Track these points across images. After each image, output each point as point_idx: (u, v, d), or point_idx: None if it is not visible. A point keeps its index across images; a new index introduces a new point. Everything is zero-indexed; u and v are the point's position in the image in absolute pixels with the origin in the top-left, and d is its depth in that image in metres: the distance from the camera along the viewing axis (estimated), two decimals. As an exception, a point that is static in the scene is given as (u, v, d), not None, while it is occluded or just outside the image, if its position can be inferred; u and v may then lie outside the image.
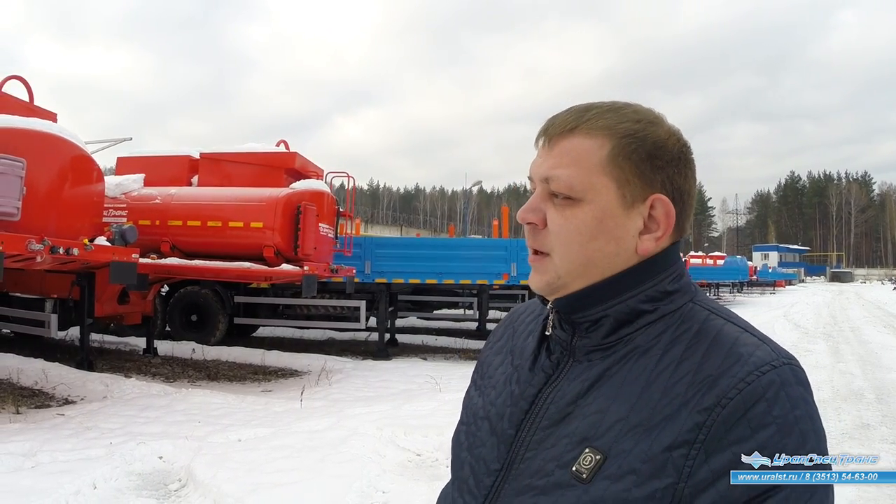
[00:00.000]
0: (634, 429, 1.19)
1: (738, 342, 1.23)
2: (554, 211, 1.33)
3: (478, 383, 1.61)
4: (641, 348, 1.29)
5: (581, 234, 1.31)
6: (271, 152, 14.41)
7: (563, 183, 1.32)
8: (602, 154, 1.31)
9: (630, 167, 1.31)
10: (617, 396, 1.25)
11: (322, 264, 13.59)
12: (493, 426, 1.42)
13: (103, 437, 8.14)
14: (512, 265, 16.93)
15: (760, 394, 1.14)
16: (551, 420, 1.31)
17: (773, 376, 1.16)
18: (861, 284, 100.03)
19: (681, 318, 1.31)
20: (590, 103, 1.38)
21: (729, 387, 1.15)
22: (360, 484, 6.48)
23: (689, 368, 1.21)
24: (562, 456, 1.25)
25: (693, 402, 1.17)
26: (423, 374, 13.37)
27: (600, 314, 1.32)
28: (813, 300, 49.70)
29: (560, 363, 1.38)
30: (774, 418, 1.12)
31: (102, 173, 11.10)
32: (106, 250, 10.05)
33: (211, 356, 14.86)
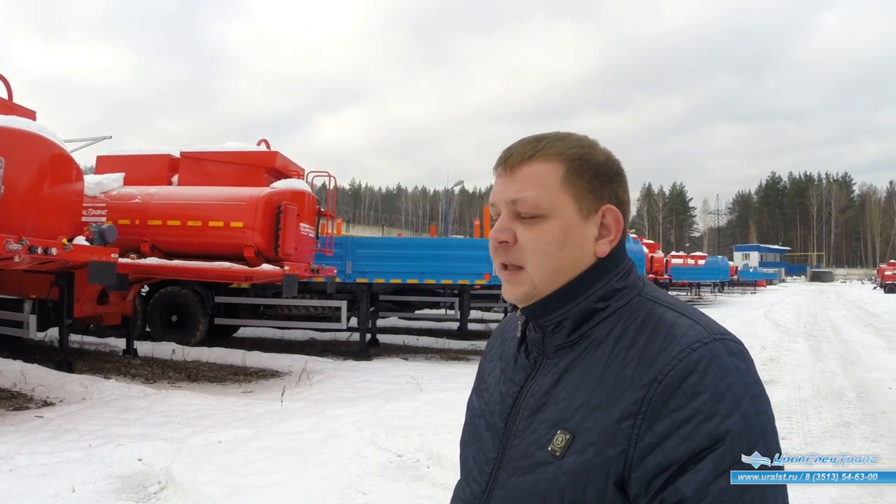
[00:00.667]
0: (594, 409, 1.39)
1: (674, 326, 1.42)
2: (523, 228, 1.51)
3: (477, 388, 1.81)
4: (597, 341, 1.49)
5: (550, 244, 1.50)
6: (252, 151, 14.35)
7: (530, 203, 1.50)
8: (558, 176, 1.52)
9: (582, 184, 1.53)
10: (580, 384, 1.45)
11: (303, 264, 13.54)
12: (487, 422, 1.63)
13: (82, 439, 8.10)
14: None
15: (692, 367, 1.32)
16: (531, 410, 1.51)
17: (704, 351, 1.34)
18: (841, 284, 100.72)
19: (630, 311, 1.51)
20: (538, 135, 1.60)
21: (664, 364, 1.34)
22: (341, 485, 6.48)
23: (635, 353, 1.40)
24: (539, 439, 1.45)
25: (636, 381, 1.36)
26: (405, 374, 13.37)
27: (561, 317, 1.53)
28: (793, 300, 50.01)
29: (537, 362, 1.58)
30: (706, 387, 1.30)
31: (82, 172, 11.01)
32: (85, 250, 9.96)
33: (191, 357, 14.80)
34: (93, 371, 12.67)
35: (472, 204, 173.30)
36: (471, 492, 1.62)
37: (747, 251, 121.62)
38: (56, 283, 11.77)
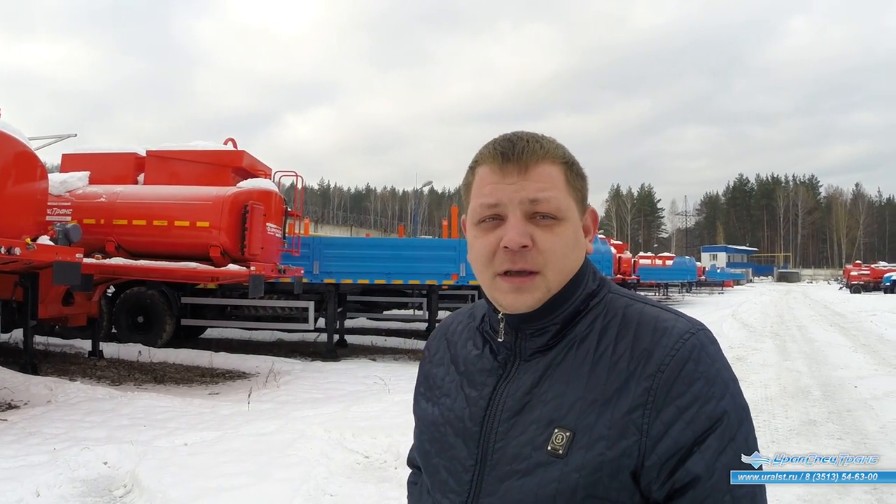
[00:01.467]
0: (592, 404, 1.41)
1: (659, 319, 1.49)
2: (542, 231, 1.49)
3: (427, 395, 1.76)
4: (578, 338, 1.51)
5: (568, 247, 1.51)
6: (219, 150, 14.27)
7: (552, 205, 1.49)
8: (563, 178, 1.53)
9: (577, 186, 1.57)
10: (569, 381, 1.46)
11: (269, 264, 13.48)
12: (455, 429, 1.58)
13: (47, 442, 8.03)
14: (461, 265, 16.96)
15: (687, 356, 1.41)
16: (512, 411, 1.50)
17: (694, 341, 1.43)
18: (808, 284, 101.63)
19: (605, 307, 1.56)
20: (527, 133, 1.58)
21: (663, 355, 1.41)
22: (308, 487, 6.45)
23: (625, 347, 1.45)
24: (534, 440, 1.44)
25: (637, 373, 1.41)
26: (373, 375, 13.40)
27: (549, 323, 1.53)
28: (760, 300, 50.42)
29: (507, 363, 1.57)
30: (701, 373, 1.40)
31: (46, 170, 10.88)
32: (49, 250, 9.84)
33: (158, 358, 14.70)
34: (58, 373, 12.57)
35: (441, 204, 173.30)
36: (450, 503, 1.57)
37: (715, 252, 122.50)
38: (20, 283, 11.61)
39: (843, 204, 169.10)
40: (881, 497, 6.62)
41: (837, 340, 21.31)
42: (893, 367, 15.36)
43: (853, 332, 23.96)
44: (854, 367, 15.25)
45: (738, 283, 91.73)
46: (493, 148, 1.56)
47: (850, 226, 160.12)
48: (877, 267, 73.01)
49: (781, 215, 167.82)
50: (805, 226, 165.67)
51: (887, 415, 10.34)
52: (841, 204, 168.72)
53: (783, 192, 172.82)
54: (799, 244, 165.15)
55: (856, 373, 14.43)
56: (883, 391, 12.33)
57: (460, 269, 16.98)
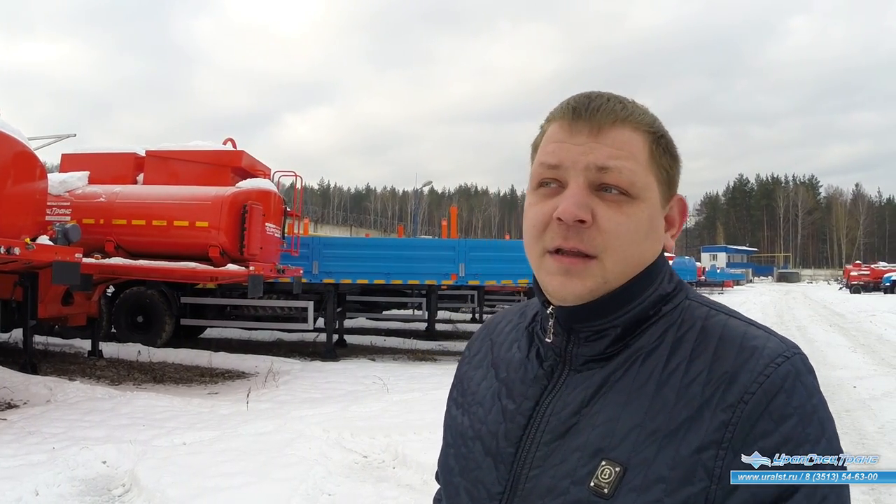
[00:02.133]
0: (653, 435, 1.15)
1: (746, 336, 1.20)
2: (607, 207, 1.22)
3: (458, 401, 1.50)
4: (644, 350, 1.24)
5: (639, 233, 1.24)
6: (218, 150, 14.32)
7: (625, 177, 1.23)
8: (646, 151, 1.27)
9: (665, 166, 1.30)
10: (627, 403, 1.20)
11: (268, 264, 13.52)
12: (486, 446, 1.33)
13: (46, 441, 8.03)
14: (460, 265, 16.97)
15: (779, 385, 1.12)
16: (554, 433, 1.24)
17: (788, 367, 1.14)
18: (808, 284, 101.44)
19: (680, 316, 1.27)
20: (609, 93, 1.31)
21: (749, 381, 1.12)
22: (306, 486, 6.47)
23: (701, 367, 1.18)
24: (575, 471, 1.18)
25: (714, 401, 1.13)
26: (371, 375, 13.39)
27: (608, 325, 1.27)
28: (760, 300, 50.36)
29: (554, 371, 1.31)
30: (795, 409, 1.11)
31: (46, 170, 10.90)
32: (48, 250, 9.86)
33: (157, 358, 14.70)
34: (57, 373, 12.56)
35: (441, 204, 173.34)
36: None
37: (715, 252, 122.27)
38: (20, 283, 11.62)
39: (843, 204, 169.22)
40: (879, 498, 6.64)
41: (837, 341, 21.31)
42: (892, 368, 15.40)
43: (853, 333, 23.97)
44: (853, 368, 15.27)
45: (737, 283, 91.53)
46: (566, 103, 1.30)
47: (850, 226, 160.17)
48: (877, 267, 72.98)
49: (781, 215, 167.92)
50: (805, 226, 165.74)
51: (886, 415, 10.36)
52: (841, 204, 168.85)
53: (783, 192, 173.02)
54: (799, 244, 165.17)
55: (855, 373, 14.45)
56: (882, 391, 12.36)
57: (459, 270, 16.98)
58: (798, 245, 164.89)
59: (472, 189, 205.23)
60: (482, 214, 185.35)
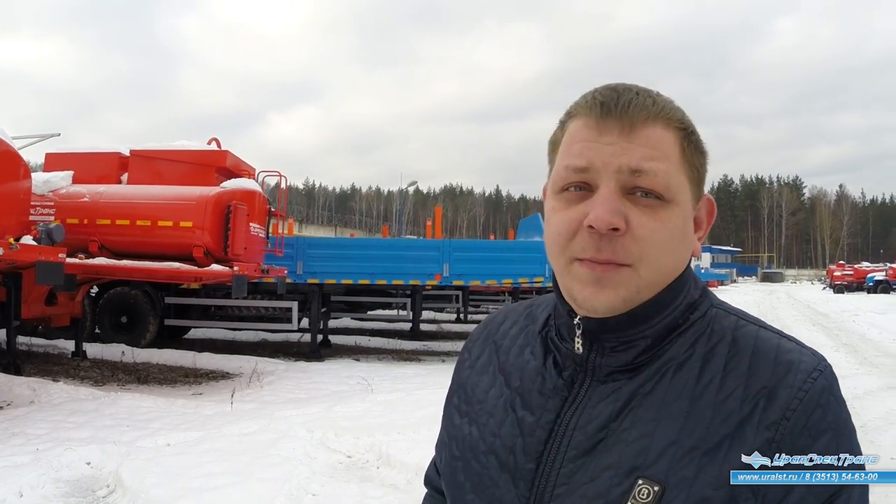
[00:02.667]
0: (691, 452, 1.09)
1: (780, 349, 1.16)
2: (641, 213, 1.14)
3: (463, 410, 1.40)
4: (675, 361, 1.18)
5: (674, 239, 1.17)
6: (202, 150, 14.32)
7: (660, 180, 1.15)
8: (678, 150, 1.19)
9: (696, 165, 1.22)
10: (660, 418, 1.13)
11: (252, 264, 13.53)
12: (502, 461, 1.24)
13: (30, 443, 8.01)
14: (444, 266, 17.00)
15: (816, 401, 1.09)
16: (580, 449, 1.17)
17: (823, 381, 1.12)
18: (792, 285, 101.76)
19: (709, 325, 1.21)
20: (639, 86, 1.23)
21: (790, 397, 1.09)
22: (290, 486, 6.49)
23: (737, 381, 1.13)
24: (609, 491, 1.11)
25: (756, 418, 1.09)
26: (356, 375, 13.37)
27: (639, 335, 1.20)
28: (744, 300, 50.36)
29: (574, 382, 1.23)
30: (829, 424, 1.09)
31: (30, 170, 10.88)
32: (32, 250, 9.84)
33: (141, 359, 14.64)
34: (41, 373, 12.51)
35: (426, 204, 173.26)
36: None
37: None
38: (3, 283, 11.59)
39: (827, 205, 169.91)
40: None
41: (820, 340, 21.36)
42: (875, 367, 15.53)
43: (836, 332, 24.15)
44: (836, 367, 14.55)
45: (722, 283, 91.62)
46: (591, 97, 1.20)
47: (833, 226, 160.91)
48: (860, 267, 73.40)
49: (766, 216, 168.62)
50: (789, 226, 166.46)
51: (868, 413, 10.43)
52: (825, 205, 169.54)
53: (767, 192, 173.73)
54: (783, 244, 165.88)
55: (837, 372, 13.60)
56: (864, 390, 12.46)
57: (444, 270, 17.01)
58: (782, 245, 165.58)
59: (458, 189, 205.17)
60: (467, 214, 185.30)
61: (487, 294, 24.04)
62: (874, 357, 17.18)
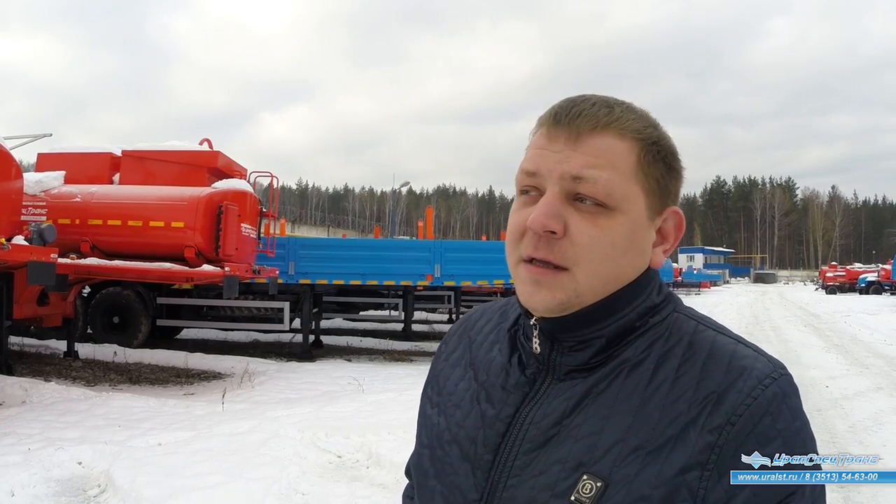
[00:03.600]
0: (635, 451, 1.12)
1: (735, 354, 1.18)
2: (581, 219, 1.18)
3: (434, 401, 1.46)
4: (630, 362, 1.21)
5: (616, 247, 1.19)
6: (194, 151, 14.34)
7: (601, 187, 1.18)
8: (632, 160, 1.21)
9: (656, 176, 1.24)
10: (610, 416, 1.17)
11: (244, 265, 13.54)
12: (464, 451, 1.29)
13: (21, 443, 8.02)
14: (436, 266, 17.03)
15: (765, 408, 1.10)
16: (534, 443, 1.21)
17: (776, 389, 1.12)
18: (784, 285, 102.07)
19: (668, 329, 1.24)
20: (601, 97, 1.26)
21: (737, 403, 1.10)
22: (280, 486, 6.52)
23: (688, 384, 1.15)
24: (556, 484, 1.15)
25: (701, 421, 1.11)
26: (347, 375, 13.40)
27: (594, 335, 1.23)
28: (737, 301, 50.63)
29: (537, 379, 1.27)
30: (779, 432, 1.10)
31: (21, 170, 10.87)
32: (24, 250, 9.83)
33: (133, 359, 14.68)
34: (33, 374, 12.52)
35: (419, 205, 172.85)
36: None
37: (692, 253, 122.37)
38: (-6, 283, 11.60)
39: (820, 206, 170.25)
40: (847, 496, 6.75)
41: (811, 341, 21.53)
42: (865, 368, 15.61)
43: (827, 333, 24.23)
44: (826, 368, 15.46)
45: (714, 284, 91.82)
46: (551, 108, 1.26)
47: (826, 228, 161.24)
48: (852, 268, 73.86)
49: (758, 217, 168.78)
50: (782, 227, 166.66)
51: (856, 414, 10.53)
52: (817, 206, 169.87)
53: (760, 194, 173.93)
54: (776, 245, 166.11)
55: (828, 373, 14.64)
56: (853, 391, 12.55)
57: (435, 270, 17.04)
58: (775, 246, 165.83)
59: (451, 189, 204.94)
60: (460, 215, 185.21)
61: (479, 294, 24.05)
62: (865, 358, 17.27)
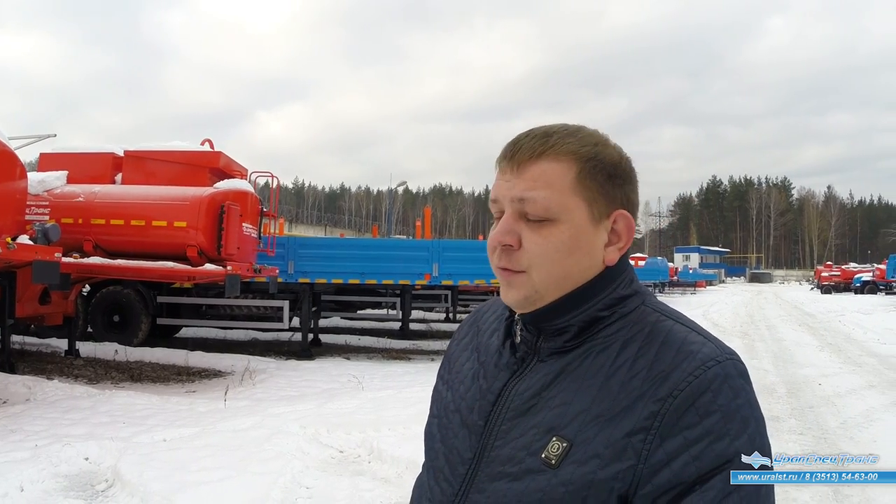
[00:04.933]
0: (596, 419, 1.32)
1: (686, 341, 1.37)
2: (530, 231, 1.42)
3: (445, 378, 1.72)
4: (599, 346, 1.41)
5: (559, 251, 1.41)
6: (196, 151, 14.39)
7: (539, 205, 1.40)
8: (570, 176, 1.41)
9: (595, 187, 1.43)
10: (578, 389, 1.37)
11: (245, 264, 13.60)
12: (463, 418, 1.53)
13: (28, 439, 8.13)
14: (434, 265, 17.13)
15: (706, 386, 1.27)
16: (516, 412, 1.43)
17: (718, 370, 1.30)
18: (780, 285, 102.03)
19: (634, 319, 1.44)
20: (546, 128, 1.48)
21: (679, 379, 1.29)
22: (284, 480, 6.64)
23: (643, 365, 1.34)
24: (531, 444, 1.37)
25: (649, 394, 1.30)
26: (347, 373, 13.51)
27: (565, 323, 1.44)
28: (732, 300, 50.66)
29: (525, 360, 1.50)
30: (719, 407, 1.26)
31: (26, 170, 10.95)
32: (29, 249, 9.90)
33: (134, 357, 14.77)
34: (35, 372, 12.61)
35: (415, 204, 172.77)
36: (440, 492, 1.52)
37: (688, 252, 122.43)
38: (-3, 282, 11.68)
39: (815, 206, 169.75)
40: (837, 489, 6.86)
41: (805, 340, 21.66)
42: (858, 366, 15.74)
43: (821, 332, 24.34)
44: (820, 366, 15.60)
45: (710, 283, 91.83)
46: (504, 147, 1.50)
47: (821, 227, 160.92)
48: (847, 268, 73.81)
49: (754, 216, 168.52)
50: (777, 227, 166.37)
51: (848, 411, 10.66)
52: (813, 206, 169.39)
53: (756, 193, 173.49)
54: (771, 245, 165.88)
55: (821, 371, 14.78)
56: (846, 388, 12.69)
57: (433, 270, 17.14)
58: (770, 246, 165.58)
59: (447, 189, 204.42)
60: (456, 214, 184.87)
61: (476, 294, 24.15)
62: (858, 357, 17.39)
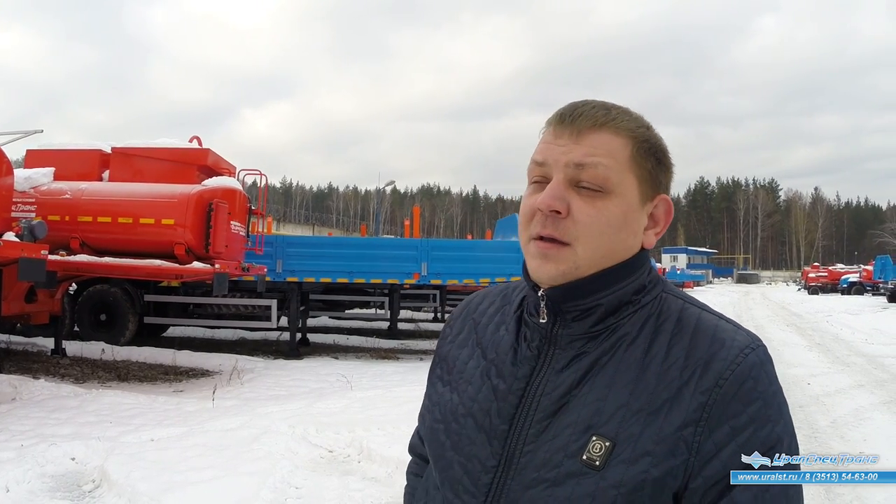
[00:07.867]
0: (637, 413, 1.30)
1: (718, 328, 1.38)
2: (581, 201, 1.38)
3: (445, 379, 1.62)
4: (628, 337, 1.39)
5: (611, 225, 1.39)
6: (184, 148, 14.31)
7: (599, 174, 1.38)
8: (627, 153, 1.41)
9: (648, 167, 1.44)
10: (613, 385, 1.34)
11: (233, 262, 13.53)
12: (479, 423, 1.44)
13: (13, 439, 8.06)
14: (422, 265, 17.13)
15: (747, 374, 1.29)
16: (546, 412, 1.37)
17: (754, 357, 1.32)
18: (767, 286, 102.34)
19: (658, 307, 1.43)
20: (604, 102, 1.47)
21: (722, 368, 1.29)
22: (273, 480, 6.59)
23: (678, 354, 1.34)
24: (568, 446, 1.32)
25: (692, 385, 1.29)
26: (335, 372, 13.46)
27: (594, 303, 1.41)
28: (720, 300, 50.54)
29: (541, 352, 1.44)
30: (760, 394, 1.29)
31: (11, 166, 10.87)
32: (14, 246, 9.79)
33: (121, 356, 14.67)
34: (21, 371, 12.51)
35: (403, 204, 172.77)
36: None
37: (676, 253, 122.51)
38: (-18, 280, 11.58)
39: (803, 207, 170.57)
40: (829, 488, 6.85)
41: (793, 340, 21.75)
42: (846, 366, 15.82)
43: (809, 332, 24.46)
44: (808, 366, 15.66)
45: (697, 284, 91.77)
46: (557, 111, 1.47)
47: (808, 229, 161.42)
48: (834, 269, 74.19)
49: (741, 218, 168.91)
50: (765, 228, 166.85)
51: (837, 410, 10.70)
52: (800, 207, 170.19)
53: (743, 194, 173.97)
54: (758, 246, 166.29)
55: (810, 370, 14.82)
56: (835, 388, 12.74)
57: (421, 269, 17.14)
58: (758, 247, 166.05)
59: (435, 189, 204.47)
60: (444, 214, 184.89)
61: (465, 293, 24.11)
62: (846, 356, 17.48)
